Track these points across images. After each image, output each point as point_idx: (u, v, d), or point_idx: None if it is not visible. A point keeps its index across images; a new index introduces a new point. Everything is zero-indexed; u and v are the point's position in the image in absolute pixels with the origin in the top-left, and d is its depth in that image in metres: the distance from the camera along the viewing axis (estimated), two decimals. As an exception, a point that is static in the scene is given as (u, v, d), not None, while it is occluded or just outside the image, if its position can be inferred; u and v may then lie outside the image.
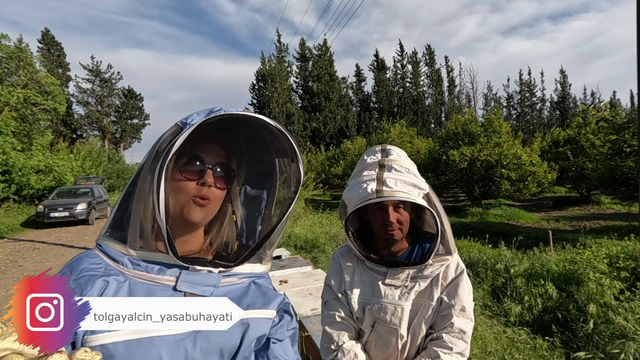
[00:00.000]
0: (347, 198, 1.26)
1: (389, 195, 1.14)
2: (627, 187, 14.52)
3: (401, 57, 46.24)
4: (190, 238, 0.81)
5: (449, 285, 1.22)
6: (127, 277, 0.69)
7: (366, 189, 1.18)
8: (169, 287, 0.71)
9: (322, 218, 11.88)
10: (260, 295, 0.82)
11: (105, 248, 0.72)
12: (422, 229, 1.35)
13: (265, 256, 0.84)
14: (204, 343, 0.71)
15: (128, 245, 0.71)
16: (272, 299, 0.83)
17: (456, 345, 1.18)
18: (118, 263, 0.70)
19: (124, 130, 42.69)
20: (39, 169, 16.29)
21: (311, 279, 3.67)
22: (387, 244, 1.27)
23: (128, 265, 0.70)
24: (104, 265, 0.70)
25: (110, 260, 0.71)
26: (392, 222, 1.18)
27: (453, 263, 1.24)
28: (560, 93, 46.55)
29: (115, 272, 0.69)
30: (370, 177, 1.22)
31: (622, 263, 4.69)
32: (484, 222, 14.41)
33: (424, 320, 1.21)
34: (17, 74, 16.24)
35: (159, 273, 0.71)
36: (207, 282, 0.74)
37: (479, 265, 5.35)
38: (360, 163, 1.32)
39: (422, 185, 1.21)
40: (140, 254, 0.71)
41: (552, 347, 3.40)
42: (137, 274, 0.70)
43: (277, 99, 36.68)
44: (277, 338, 0.84)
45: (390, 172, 1.21)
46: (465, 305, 1.21)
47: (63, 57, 37.92)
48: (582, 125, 18.53)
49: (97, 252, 0.73)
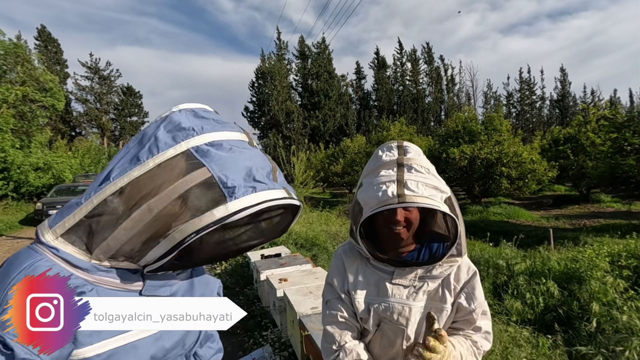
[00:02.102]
0: (363, 200, 1.14)
1: (412, 201, 1.04)
2: (627, 185, 14.53)
3: (401, 55, 46.19)
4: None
5: (464, 289, 1.19)
6: (94, 285, 0.67)
7: (386, 192, 1.07)
8: (135, 292, 0.73)
9: (322, 216, 11.86)
10: (204, 284, 0.89)
11: (64, 254, 0.66)
12: (429, 228, 1.28)
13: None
14: (174, 335, 0.78)
15: (93, 257, 0.67)
16: (214, 286, 0.92)
17: (484, 347, 1.19)
18: (81, 269, 0.67)
19: (123, 128, 42.60)
20: (38, 166, 16.25)
21: (311, 277, 3.64)
22: (394, 242, 1.21)
23: (93, 272, 0.68)
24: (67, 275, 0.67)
25: (70, 266, 0.66)
26: (399, 221, 1.11)
27: (464, 265, 1.20)
28: (560, 91, 46.56)
29: (81, 282, 0.66)
30: (389, 178, 1.11)
31: (624, 261, 4.68)
32: (484, 220, 14.41)
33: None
34: (16, 70, 16.17)
35: (125, 280, 0.71)
36: (166, 284, 0.78)
37: (480, 263, 5.34)
38: (375, 160, 1.22)
39: (443, 188, 1.12)
40: (106, 264, 0.69)
41: (555, 345, 3.39)
42: (101, 279, 0.68)
43: (277, 96, 36.59)
44: None
45: (410, 173, 1.11)
46: (485, 308, 1.20)
47: (60, 54, 37.76)
48: (582, 123, 18.52)
49: (50, 256, 0.66)
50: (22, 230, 11.86)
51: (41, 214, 12.22)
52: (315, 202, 17.48)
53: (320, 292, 1.30)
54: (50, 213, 12.18)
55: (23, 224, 12.86)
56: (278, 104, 36.47)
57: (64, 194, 13.78)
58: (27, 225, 12.68)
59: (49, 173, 16.88)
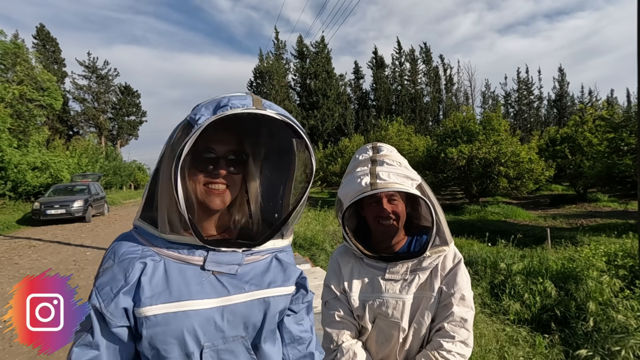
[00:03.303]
0: (342, 194, 1.28)
1: (383, 187, 1.16)
2: (624, 185, 14.63)
3: (399, 55, 46.23)
4: (213, 221, 0.87)
5: (448, 275, 1.23)
6: (162, 257, 0.76)
7: (360, 183, 1.20)
8: (197, 266, 0.77)
9: (320, 215, 11.87)
10: (281, 271, 0.88)
11: (141, 230, 0.79)
12: (418, 223, 1.37)
13: (286, 231, 0.88)
14: (229, 316, 0.78)
15: (159, 230, 0.76)
16: (291, 275, 0.90)
17: (458, 334, 1.18)
18: (153, 244, 0.77)
19: (121, 127, 42.49)
20: (35, 165, 16.19)
21: (310, 277, 3.66)
22: (384, 238, 1.28)
23: (161, 246, 0.77)
24: (140, 247, 0.77)
25: (146, 242, 0.78)
26: (388, 213, 1.21)
27: (450, 253, 1.25)
28: (558, 91, 46.69)
29: (151, 253, 0.76)
30: (363, 172, 1.24)
31: (620, 261, 4.71)
32: (482, 220, 14.44)
33: (426, 312, 1.22)
34: (14, 70, 16.11)
35: (189, 254, 0.77)
36: (232, 261, 0.80)
37: (478, 263, 5.36)
38: (353, 161, 1.34)
39: (414, 177, 1.23)
40: (171, 238, 0.76)
41: (551, 344, 3.41)
42: (169, 254, 0.76)
43: (275, 96, 36.59)
44: (293, 309, 0.94)
45: (382, 166, 1.23)
46: (465, 293, 1.21)
47: (58, 53, 37.62)
48: (578, 123, 18.60)
49: (134, 234, 0.80)
50: (19, 229, 11.82)
51: (39, 213, 12.18)
52: (313, 201, 17.49)
53: (319, 292, 1.36)
54: (48, 213, 12.17)
55: (20, 223, 12.81)
56: (276, 103, 36.41)
57: (61, 193, 13.74)
58: (24, 225, 12.64)
59: (46, 172, 16.83)
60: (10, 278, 6.20)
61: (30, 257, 7.73)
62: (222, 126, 0.79)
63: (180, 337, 0.73)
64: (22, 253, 8.19)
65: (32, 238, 10.02)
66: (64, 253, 8.06)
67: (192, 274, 0.76)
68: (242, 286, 0.80)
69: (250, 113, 0.74)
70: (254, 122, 0.82)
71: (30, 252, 8.31)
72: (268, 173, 0.93)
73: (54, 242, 9.44)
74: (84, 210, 12.79)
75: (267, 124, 0.82)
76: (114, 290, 0.71)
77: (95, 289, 0.72)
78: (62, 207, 12.34)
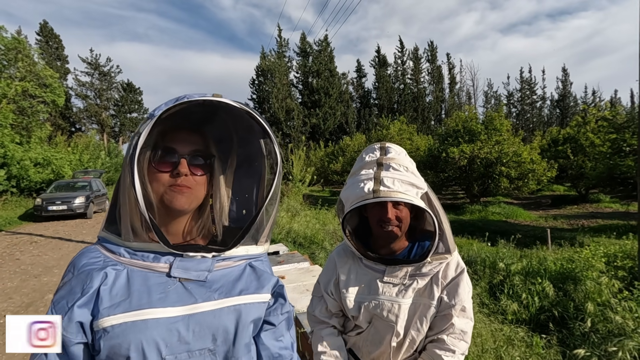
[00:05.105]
0: (345, 197, 1.26)
1: (386, 196, 1.13)
2: (625, 186, 14.57)
3: (402, 54, 46.09)
4: (180, 225, 0.83)
5: (449, 285, 1.21)
6: (125, 266, 0.72)
7: (363, 189, 1.17)
8: (163, 273, 0.73)
9: (320, 214, 11.86)
10: (255, 279, 0.83)
11: (104, 242, 0.76)
12: (421, 227, 1.33)
13: (260, 237, 0.83)
14: (195, 326, 0.72)
15: (123, 238, 0.73)
16: (266, 282, 0.84)
17: (458, 347, 1.17)
18: (115, 254, 0.73)
19: (123, 124, 42.53)
20: (37, 161, 16.25)
21: (308, 275, 3.66)
22: (386, 241, 1.26)
23: (125, 255, 0.73)
24: (102, 258, 0.73)
25: (109, 252, 0.74)
26: (390, 219, 1.17)
27: (453, 262, 1.22)
28: (561, 91, 46.48)
29: (114, 263, 0.72)
30: (367, 176, 1.20)
31: (620, 262, 4.70)
32: (483, 219, 14.42)
33: (424, 319, 1.20)
34: (16, 66, 16.14)
35: (154, 261, 0.73)
36: (201, 267, 0.75)
37: (477, 262, 5.36)
38: (359, 161, 1.30)
39: (420, 185, 1.19)
40: (136, 246, 0.73)
41: (549, 345, 3.41)
42: (133, 262, 0.73)
43: (277, 94, 36.51)
44: (271, 322, 0.86)
45: (388, 171, 1.19)
46: (466, 305, 1.20)
47: (61, 50, 37.66)
48: (581, 124, 18.52)
49: (97, 246, 0.76)
50: (21, 225, 11.87)
51: (40, 209, 12.22)
52: (314, 200, 17.49)
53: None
54: (50, 209, 12.20)
55: (22, 219, 12.86)
56: (278, 102, 36.40)
57: (63, 189, 13.78)
58: (26, 220, 12.69)
59: (48, 169, 16.89)
60: (12, 273, 6.23)
61: (32, 253, 7.77)
62: (185, 125, 0.78)
63: (139, 348, 0.67)
64: (23, 249, 8.22)
65: (33, 234, 10.05)
66: (65, 249, 8.10)
67: (155, 282, 0.72)
68: (211, 294, 0.75)
69: (206, 100, 0.73)
70: (219, 123, 0.82)
71: (31, 247, 8.35)
72: (240, 179, 0.90)
73: (55, 238, 9.48)
74: (86, 206, 12.83)
75: (229, 119, 0.82)
76: (69, 303, 0.66)
77: (52, 304, 0.68)
78: (64, 204, 12.38)
